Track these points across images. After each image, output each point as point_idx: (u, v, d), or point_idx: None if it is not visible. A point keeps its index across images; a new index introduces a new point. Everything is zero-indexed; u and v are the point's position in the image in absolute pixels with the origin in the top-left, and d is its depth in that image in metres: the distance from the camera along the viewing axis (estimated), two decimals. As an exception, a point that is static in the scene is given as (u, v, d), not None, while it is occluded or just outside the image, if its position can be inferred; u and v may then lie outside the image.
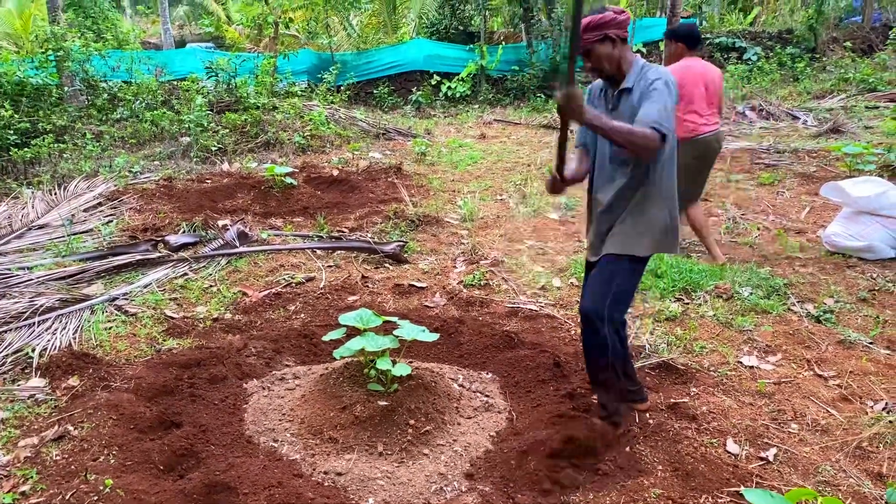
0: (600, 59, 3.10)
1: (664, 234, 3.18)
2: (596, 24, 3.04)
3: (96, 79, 12.37)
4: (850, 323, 4.63)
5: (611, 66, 3.12)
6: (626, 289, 3.25)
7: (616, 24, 3.06)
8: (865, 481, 3.08)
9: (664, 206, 3.16)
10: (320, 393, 3.67)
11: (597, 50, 3.08)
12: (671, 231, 3.20)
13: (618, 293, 3.21)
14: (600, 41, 3.06)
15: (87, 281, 5.38)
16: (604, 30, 3.04)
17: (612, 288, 3.19)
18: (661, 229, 3.17)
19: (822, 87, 14.36)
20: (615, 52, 3.09)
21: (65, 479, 3.05)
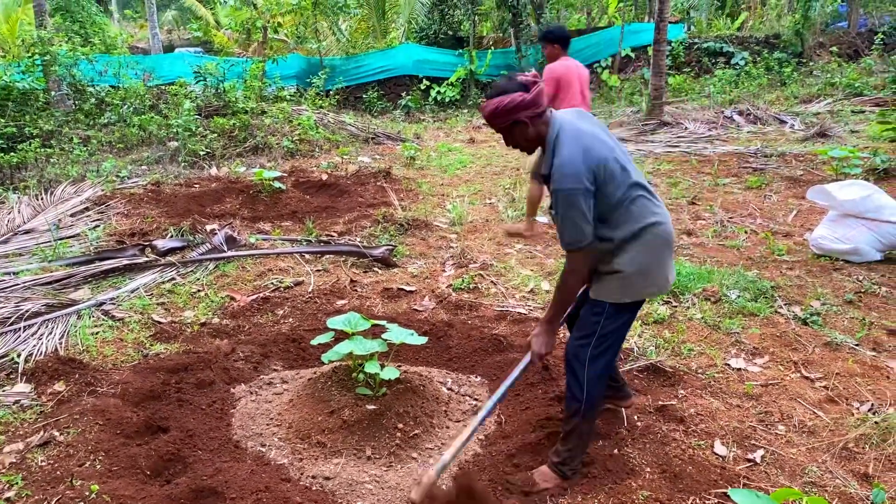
0: (517, 140, 2.92)
1: (640, 281, 2.90)
2: (504, 110, 2.80)
3: (83, 83, 12.32)
4: (837, 325, 4.66)
5: (530, 145, 2.94)
6: (609, 332, 2.97)
7: (525, 105, 2.79)
8: (852, 482, 3.10)
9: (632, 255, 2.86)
10: (308, 397, 3.66)
11: (511, 132, 2.88)
12: (650, 275, 2.91)
13: (601, 338, 2.96)
14: (512, 125, 2.84)
15: (74, 286, 5.34)
16: (513, 114, 2.80)
17: (597, 332, 2.96)
18: (633, 278, 2.88)
19: (809, 91, 14.46)
20: (530, 132, 2.86)
21: (50, 485, 3.03)
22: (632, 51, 18.41)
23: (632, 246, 2.86)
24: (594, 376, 2.99)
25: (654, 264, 2.91)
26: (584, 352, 2.98)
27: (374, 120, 15.04)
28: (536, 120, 2.85)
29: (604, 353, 3.00)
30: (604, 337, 2.97)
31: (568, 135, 2.79)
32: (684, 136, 11.59)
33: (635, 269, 2.87)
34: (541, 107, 2.83)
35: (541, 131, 2.87)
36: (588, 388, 2.99)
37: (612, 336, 3.00)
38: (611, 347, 3.03)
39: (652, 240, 2.87)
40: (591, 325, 2.98)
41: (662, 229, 2.90)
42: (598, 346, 2.97)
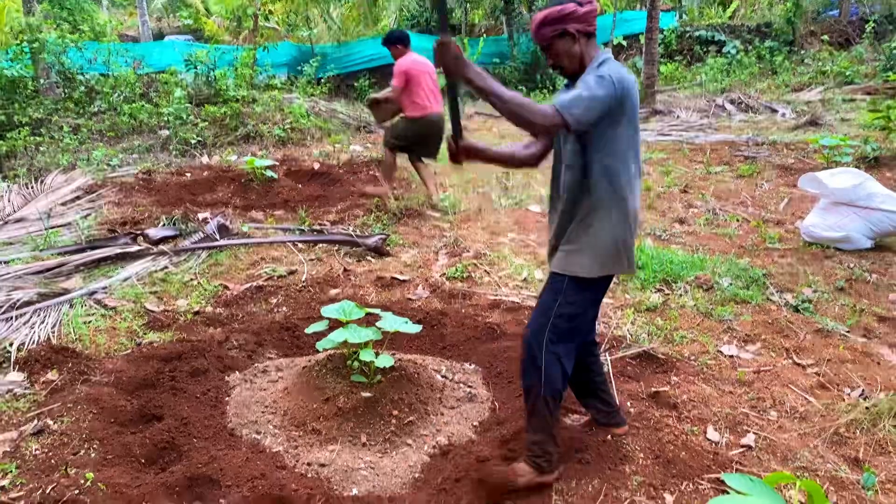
0: (559, 56, 2.77)
1: (612, 253, 2.77)
2: (553, 18, 2.69)
3: (73, 71, 12.21)
4: (828, 312, 4.69)
5: (571, 64, 2.77)
6: (571, 314, 2.81)
7: (576, 17, 2.69)
8: (842, 466, 3.13)
9: (613, 221, 2.74)
10: (303, 385, 3.67)
11: (555, 46, 2.74)
12: (622, 251, 2.78)
13: (560, 318, 2.81)
14: (559, 36, 2.72)
15: (66, 275, 5.32)
16: (562, 24, 2.69)
17: (555, 311, 2.81)
18: (605, 247, 2.76)
19: (801, 80, 14.50)
20: (575, 49, 2.74)
21: (45, 474, 3.02)
22: (624, 39, 18.40)
23: (608, 213, 2.73)
24: (553, 359, 2.82)
25: (629, 240, 2.79)
26: (542, 334, 2.81)
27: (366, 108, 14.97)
28: (584, 40, 2.74)
29: (564, 336, 2.83)
30: (563, 317, 2.80)
31: (617, 65, 2.69)
32: (676, 125, 11.61)
33: (608, 242, 2.75)
34: (591, 26, 2.73)
35: (585, 53, 2.75)
36: (547, 372, 2.82)
37: (574, 317, 2.83)
38: (573, 331, 2.85)
39: (629, 214, 2.76)
40: (550, 302, 2.83)
41: (636, 207, 2.80)
42: (557, 326, 2.80)
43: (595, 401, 3.29)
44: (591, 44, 2.78)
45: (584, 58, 2.76)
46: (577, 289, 2.81)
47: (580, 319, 2.88)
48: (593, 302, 2.94)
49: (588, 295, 2.85)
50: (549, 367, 2.82)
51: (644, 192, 7.73)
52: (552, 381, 2.84)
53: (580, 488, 2.97)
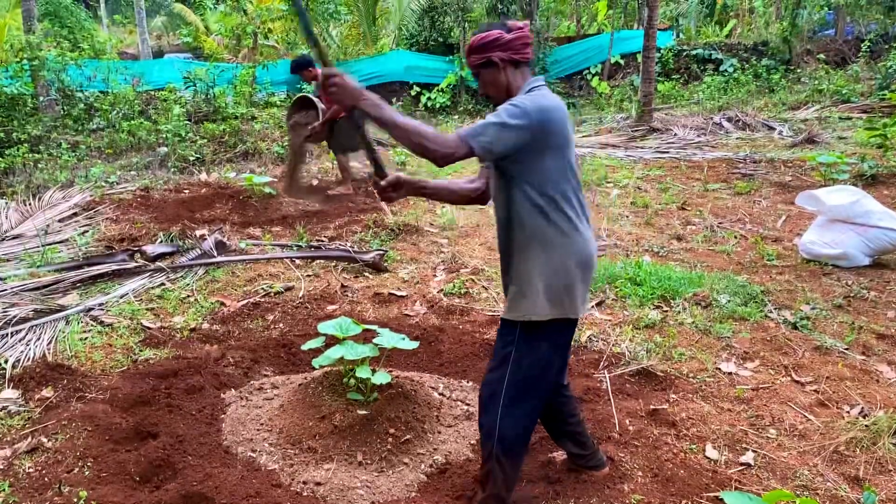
0: (486, 85, 2.66)
1: (552, 295, 2.54)
2: (478, 46, 2.59)
3: (72, 88, 12.25)
4: (827, 329, 4.68)
5: (497, 93, 2.64)
6: (529, 365, 2.57)
7: (501, 45, 2.56)
8: (842, 485, 3.11)
9: (550, 260, 2.53)
10: (299, 402, 3.64)
11: (482, 74, 2.64)
12: (563, 293, 2.55)
13: (517, 373, 2.58)
14: (483, 65, 2.61)
15: (62, 291, 5.30)
16: (486, 52, 2.57)
17: (510, 366, 2.58)
18: (544, 288, 2.54)
19: (797, 98, 14.55)
20: (501, 79, 2.60)
21: (38, 492, 3.00)
22: (621, 58, 18.48)
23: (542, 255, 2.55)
24: (510, 421, 2.60)
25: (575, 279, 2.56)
26: (498, 386, 2.60)
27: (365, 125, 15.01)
28: (510, 68, 2.60)
29: (522, 391, 2.59)
30: (519, 370, 2.58)
31: (544, 91, 2.57)
32: (674, 142, 11.64)
33: (544, 285, 2.53)
34: (517, 53, 2.58)
35: (512, 82, 2.61)
36: (501, 427, 2.60)
37: (532, 369, 2.58)
38: (532, 385, 2.60)
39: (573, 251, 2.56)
40: (503, 355, 2.61)
41: (584, 245, 2.59)
42: (513, 380, 2.58)
43: (569, 443, 3.08)
44: (521, 73, 2.63)
45: (511, 87, 2.62)
46: (530, 336, 2.57)
47: (540, 370, 2.61)
48: (554, 349, 2.64)
49: (544, 343, 2.59)
50: (505, 425, 2.60)
51: (642, 209, 7.74)
52: (507, 439, 2.62)
53: (578, 507, 2.94)
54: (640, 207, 7.84)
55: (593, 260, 2.64)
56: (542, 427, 3.49)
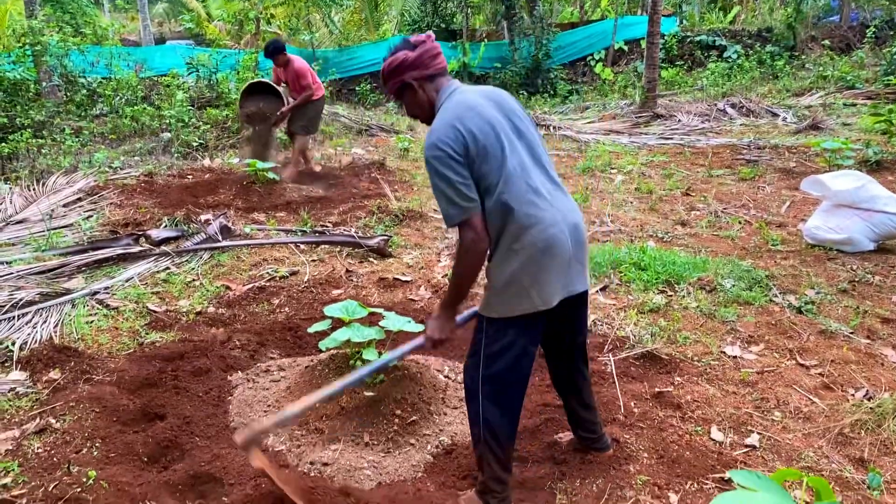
0: (411, 107, 2.69)
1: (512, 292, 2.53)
2: (388, 72, 2.61)
3: (75, 74, 12.22)
4: (831, 314, 4.68)
5: (423, 113, 2.67)
6: (497, 352, 2.61)
7: (409, 65, 2.57)
8: (847, 466, 3.12)
9: (511, 256, 2.51)
10: (306, 384, 3.66)
11: (403, 98, 2.67)
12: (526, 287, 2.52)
13: (489, 358, 2.63)
14: (401, 89, 2.64)
15: (68, 275, 5.31)
16: (398, 76, 2.59)
17: (483, 352, 2.64)
18: (504, 286, 2.53)
19: (801, 84, 14.50)
20: (421, 97, 2.62)
21: (47, 472, 3.02)
22: (625, 44, 18.41)
23: (499, 250, 2.53)
24: (491, 403, 2.65)
25: (526, 275, 2.50)
26: (476, 372, 2.66)
27: (368, 112, 14.98)
28: (427, 84, 2.61)
29: (497, 378, 2.63)
30: (491, 357, 2.61)
31: (450, 103, 2.54)
32: (678, 129, 11.62)
33: (503, 280, 2.52)
34: (428, 69, 2.59)
35: (431, 97, 2.61)
36: (484, 413, 2.66)
37: (502, 357, 2.60)
38: (505, 373, 2.63)
39: (524, 246, 2.49)
40: (476, 342, 2.68)
41: (540, 234, 2.49)
42: (487, 367, 2.62)
43: (579, 429, 3.12)
44: (435, 85, 2.62)
45: (432, 102, 2.62)
46: (497, 328, 2.60)
47: (510, 359, 2.61)
48: (522, 339, 2.61)
49: (511, 334, 2.59)
50: (486, 409, 2.66)
51: (646, 195, 7.73)
52: (491, 425, 2.67)
53: (584, 487, 2.96)
54: (644, 193, 7.83)
55: (559, 241, 2.53)
56: (548, 409, 3.51)
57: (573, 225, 2.60)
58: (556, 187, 2.64)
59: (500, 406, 2.67)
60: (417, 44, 2.59)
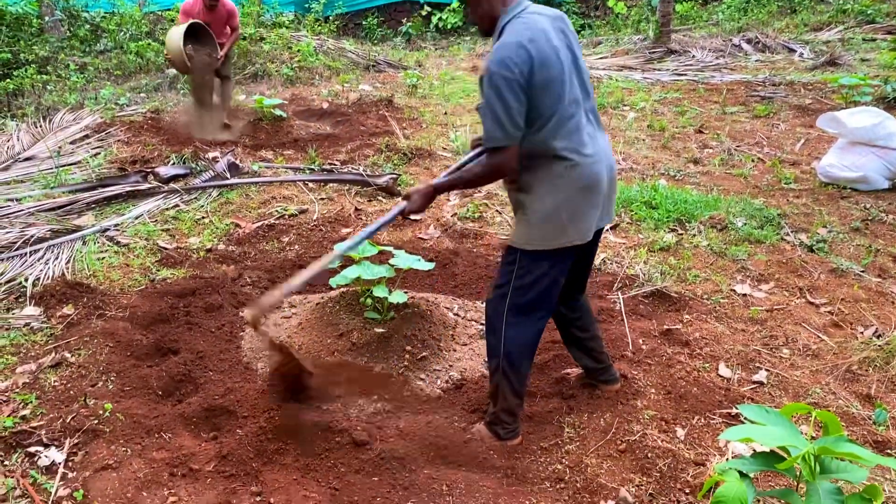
0: (472, 14, 2.62)
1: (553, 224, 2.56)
2: None
3: (77, 8, 11.99)
4: (843, 252, 4.66)
5: (483, 24, 2.61)
6: (528, 284, 2.64)
7: None
8: (854, 402, 3.15)
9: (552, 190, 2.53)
10: (317, 321, 3.69)
11: (469, 4, 2.58)
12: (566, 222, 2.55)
13: (518, 290, 2.66)
14: None
15: (78, 212, 5.32)
16: None
17: (512, 284, 2.66)
18: (545, 219, 2.56)
19: (820, 19, 14.10)
20: (483, 6, 2.55)
21: (64, 404, 3.08)
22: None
23: (541, 184, 2.54)
24: (514, 334, 2.71)
25: (566, 211, 2.54)
26: (501, 304, 2.69)
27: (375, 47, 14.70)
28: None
29: (525, 309, 2.68)
30: (520, 290, 2.65)
31: (519, 22, 2.47)
32: (692, 65, 11.37)
33: (543, 214, 2.55)
34: None
35: (494, 10, 2.54)
36: (506, 344, 2.72)
37: (532, 289, 2.65)
38: (534, 304, 2.68)
39: (566, 178, 2.51)
40: (506, 273, 2.69)
41: (583, 171, 2.52)
42: (515, 299, 2.66)
43: (585, 356, 3.13)
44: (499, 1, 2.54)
45: (494, 14, 2.55)
46: (531, 260, 2.62)
47: (541, 290, 2.66)
48: (553, 271, 2.66)
49: (544, 266, 2.63)
50: (509, 340, 2.71)
51: (658, 133, 7.62)
52: (512, 354, 2.73)
53: (592, 422, 3.00)
54: (656, 131, 7.72)
55: (600, 179, 2.58)
56: (556, 345, 3.53)
57: (610, 164, 2.65)
58: (598, 125, 2.65)
59: (523, 337, 2.73)
60: None
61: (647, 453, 2.79)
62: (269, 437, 2.82)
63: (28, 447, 2.82)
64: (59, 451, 2.80)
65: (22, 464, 2.75)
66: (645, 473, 2.72)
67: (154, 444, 2.85)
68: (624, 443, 2.87)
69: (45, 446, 2.82)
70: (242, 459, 2.73)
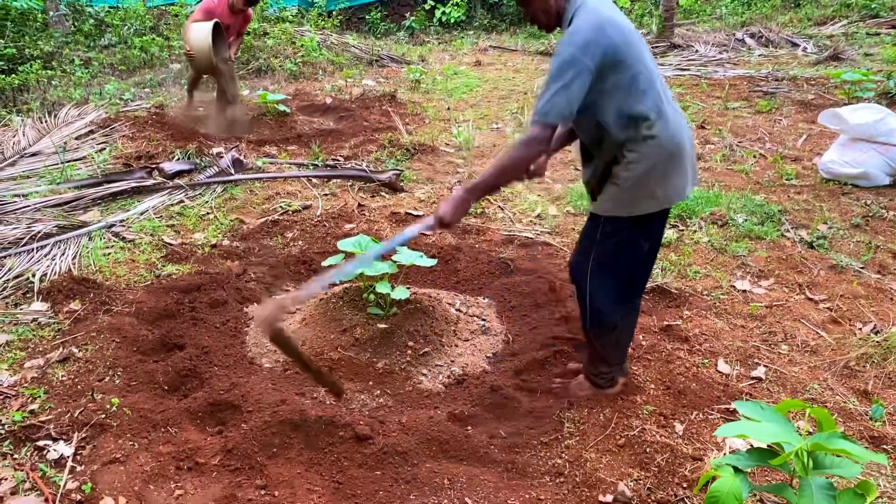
0: (535, 13, 2.71)
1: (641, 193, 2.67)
2: None
3: (82, 4, 12.03)
4: (843, 248, 4.69)
5: (548, 20, 2.72)
6: (613, 246, 2.78)
7: None
8: (851, 398, 3.18)
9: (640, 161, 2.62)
10: (321, 316, 3.73)
11: (531, 4, 2.68)
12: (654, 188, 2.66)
13: (603, 253, 2.80)
14: None
15: (84, 208, 5.37)
16: None
17: (595, 247, 2.81)
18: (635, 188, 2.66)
19: (824, 13, 14.07)
20: (551, 4, 2.66)
21: (72, 398, 3.13)
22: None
23: (630, 153, 2.62)
24: (598, 291, 2.84)
25: (653, 177, 2.64)
26: (584, 264, 2.85)
27: (378, 42, 14.72)
28: None
29: (607, 269, 2.81)
30: (604, 253, 2.79)
31: (588, 9, 2.56)
32: (695, 59, 11.37)
33: (631, 181, 2.64)
34: None
35: (560, 6, 2.66)
36: (592, 302, 2.86)
37: (614, 253, 2.79)
38: (616, 265, 2.82)
39: (655, 149, 2.60)
40: (589, 237, 2.83)
41: (671, 139, 2.62)
42: (598, 259, 2.81)
43: None
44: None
45: (560, 10, 2.67)
46: (613, 228, 2.75)
47: (622, 254, 2.81)
48: (640, 233, 2.79)
49: (626, 232, 2.76)
50: (595, 298, 2.87)
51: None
52: (599, 312, 2.89)
53: (592, 417, 3.04)
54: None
55: (683, 144, 2.68)
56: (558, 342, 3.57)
57: (688, 131, 2.76)
58: (669, 95, 2.75)
59: (605, 292, 2.86)
60: None
61: (646, 448, 2.84)
62: (273, 431, 2.87)
63: (37, 441, 2.87)
64: (67, 444, 2.85)
65: (31, 457, 2.80)
66: (643, 468, 2.76)
67: (160, 439, 2.90)
68: (623, 438, 2.91)
69: (53, 440, 2.88)
70: (247, 453, 2.78)
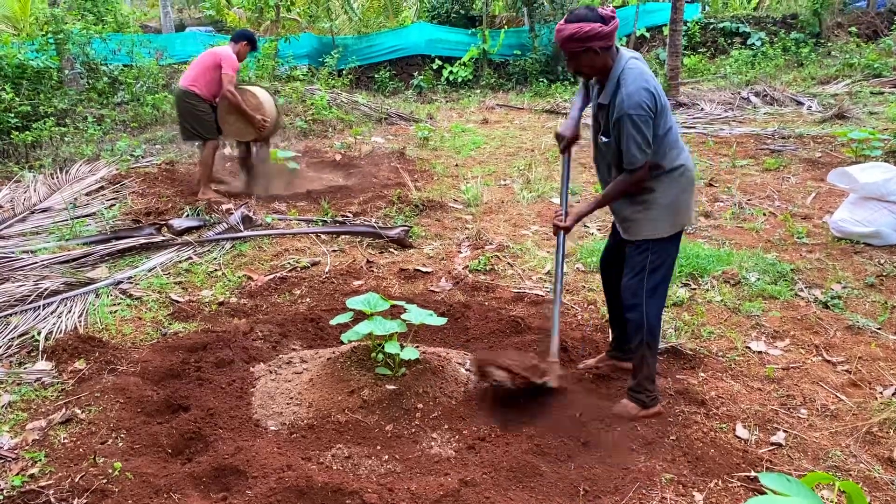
0: (582, 66, 3.17)
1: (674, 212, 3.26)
2: (580, 37, 3.03)
3: (97, 62, 12.26)
4: (859, 308, 4.62)
5: (592, 72, 3.21)
6: (659, 265, 3.30)
7: (601, 36, 3.04)
8: (876, 466, 3.08)
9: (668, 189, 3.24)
10: (328, 377, 3.66)
11: (580, 59, 3.12)
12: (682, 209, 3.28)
13: (653, 273, 3.30)
14: (583, 52, 3.09)
15: (92, 264, 5.36)
16: (587, 43, 3.05)
17: (647, 269, 3.29)
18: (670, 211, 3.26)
19: (827, 72, 14.26)
20: (598, 61, 3.13)
21: (73, 462, 3.05)
22: (647, 31, 18.18)
23: (667, 181, 3.21)
24: (653, 309, 3.31)
25: (683, 200, 3.26)
26: (640, 288, 3.28)
27: (387, 100, 14.95)
28: (606, 52, 3.10)
29: (657, 285, 3.30)
30: (654, 271, 3.29)
31: (635, 70, 3.09)
32: (700, 117, 11.48)
33: (668, 203, 3.22)
34: (612, 41, 3.09)
35: (607, 63, 3.13)
36: (649, 319, 3.30)
37: (662, 268, 3.31)
38: (664, 278, 3.33)
39: (681, 177, 3.23)
40: (640, 263, 3.30)
41: (688, 169, 3.26)
42: (651, 280, 3.28)
43: (618, 327, 3.80)
44: (611, 52, 3.14)
45: (606, 66, 3.15)
46: (660, 246, 3.28)
47: (668, 268, 3.35)
48: (674, 250, 3.38)
49: (668, 247, 3.32)
50: (650, 316, 3.31)
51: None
52: (653, 327, 3.34)
53: (608, 484, 2.94)
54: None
55: (693, 176, 3.34)
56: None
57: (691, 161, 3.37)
58: None
59: (657, 307, 3.35)
60: (608, 18, 3.05)
61: (665, 519, 2.73)
62: (278, 499, 2.78)
63: (36, 507, 2.78)
64: (66, 511, 2.77)
65: (29, 524, 2.71)
66: (663, 540, 2.65)
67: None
68: (641, 507, 2.80)
69: (52, 506, 2.79)
70: (252, 522, 2.68)
